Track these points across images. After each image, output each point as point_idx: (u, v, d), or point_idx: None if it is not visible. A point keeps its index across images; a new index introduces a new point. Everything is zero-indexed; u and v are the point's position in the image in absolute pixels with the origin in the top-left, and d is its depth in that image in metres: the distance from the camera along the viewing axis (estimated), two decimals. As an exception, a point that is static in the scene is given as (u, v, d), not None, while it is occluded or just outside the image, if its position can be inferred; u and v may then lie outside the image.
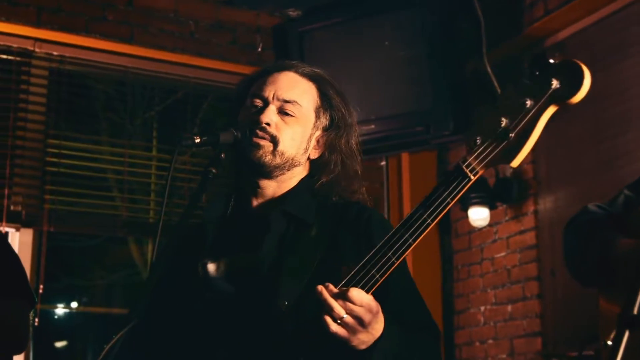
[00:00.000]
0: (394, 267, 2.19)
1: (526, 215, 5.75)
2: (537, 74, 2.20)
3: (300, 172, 2.63)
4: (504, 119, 2.21)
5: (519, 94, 2.22)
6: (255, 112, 2.55)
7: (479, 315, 6.12)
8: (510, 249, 5.87)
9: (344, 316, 2.11)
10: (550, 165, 5.56)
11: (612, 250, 2.90)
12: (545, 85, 2.18)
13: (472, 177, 2.22)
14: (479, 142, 2.23)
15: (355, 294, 2.12)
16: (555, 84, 2.17)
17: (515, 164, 2.21)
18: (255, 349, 2.28)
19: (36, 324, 5.17)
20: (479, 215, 5.90)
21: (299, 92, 2.60)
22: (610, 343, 3.03)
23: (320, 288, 2.14)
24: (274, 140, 2.52)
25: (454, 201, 2.24)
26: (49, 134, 5.59)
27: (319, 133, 2.65)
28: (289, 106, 2.56)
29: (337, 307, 2.11)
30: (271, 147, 2.52)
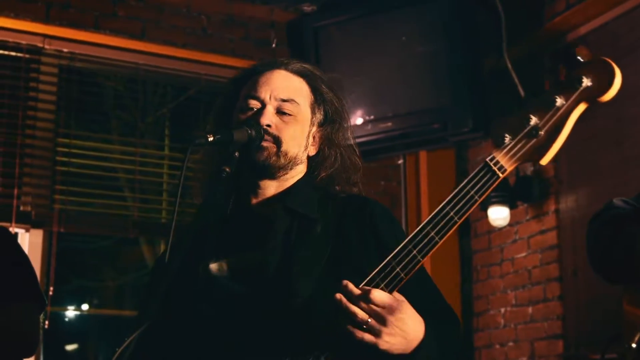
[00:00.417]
0: (419, 266, 2.21)
1: (547, 215, 5.73)
2: (568, 71, 2.23)
3: (301, 170, 2.65)
4: (533, 117, 2.24)
5: (549, 91, 2.24)
6: (254, 115, 2.56)
7: (499, 317, 6.10)
8: (531, 249, 5.85)
9: (369, 320, 2.13)
10: (571, 164, 5.53)
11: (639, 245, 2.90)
12: (576, 82, 2.21)
13: (500, 175, 2.26)
14: (507, 140, 2.25)
15: (377, 294, 2.13)
16: (586, 81, 2.20)
17: (545, 161, 2.25)
18: (272, 348, 2.28)
19: (46, 326, 5.18)
20: (498, 214, 5.88)
21: (295, 90, 2.62)
22: (634, 346, 3.02)
23: (339, 296, 2.16)
24: (277, 142, 2.53)
25: (482, 199, 2.26)
26: (59, 132, 5.61)
27: (315, 129, 2.67)
28: (286, 105, 2.57)
29: (361, 313, 2.13)
30: (275, 149, 2.53)
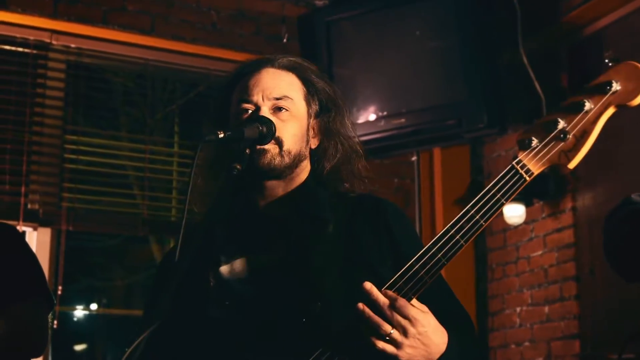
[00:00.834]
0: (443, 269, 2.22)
1: (564, 213, 5.72)
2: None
3: (307, 166, 2.65)
4: (561, 120, 2.25)
5: (578, 94, 2.26)
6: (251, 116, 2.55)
7: (515, 316, 6.09)
8: (547, 247, 5.84)
9: (392, 332, 2.14)
10: (588, 161, 5.48)
11: None
12: (605, 86, 2.23)
13: (527, 178, 2.26)
14: (534, 143, 2.26)
15: (403, 304, 2.15)
16: (615, 86, 2.22)
17: (572, 165, 2.27)
18: (286, 352, 2.29)
19: (55, 326, 5.19)
20: (514, 212, 5.87)
21: (286, 86, 2.60)
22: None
23: (362, 306, 2.16)
24: (278, 141, 2.51)
25: (508, 202, 2.26)
26: (67, 129, 5.62)
27: (313, 121, 2.66)
28: (280, 103, 2.55)
29: (385, 325, 2.15)
30: (277, 149, 2.51)
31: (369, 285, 2.18)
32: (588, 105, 2.23)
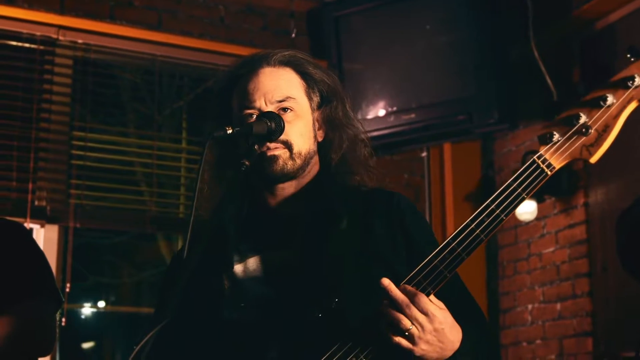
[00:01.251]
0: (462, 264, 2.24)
1: (576, 209, 5.71)
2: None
3: (316, 161, 2.66)
4: (582, 114, 2.27)
5: (600, 89, 2.27)
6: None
7: (526, 314, 6.08)
8: (559, 244, 5.83)
9: (410, 328, 2.15)
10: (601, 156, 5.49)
11: None
12: (628, 81, 2.24)
13: (549, 173, 2.28)
14: (556, 137, 2.27)
15: (422, 301, 2.17)
16: (637, 80, 2.24)
17: (594, 159, 2.29)
18: (309, 347, 2.29)
19: (63, 324, 5.20)
20: (526, 208, 5.86)
21: (286, 85, 2.59)
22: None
23: (385, 305, 2.18)
24: (288, 145, 2.52)
25: (529, 197, 2.28)
26: (74, 125, 5.63)
27: (316, 114, 2.66)
28: (284, 104, 2.55)
29: (404, 321, 2.16)
30: (288, 153, 2.52)
31: (387, 281, 2.19)
32: (610, 99, 2.24)
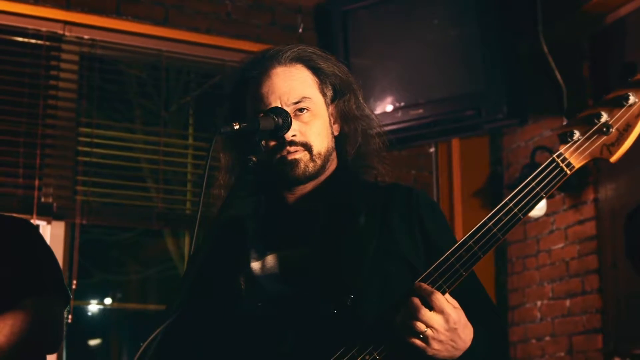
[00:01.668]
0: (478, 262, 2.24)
1: (585, 204, 5.70)
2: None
3: (334, 157, 2.66)
4: (604, 113, 2.25)
5: (621, 88, 2.26)
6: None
7: (535, 310, 6.08)
8: (569, 240, 5.82)
9: (425, 330, 2.16)
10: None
11: None
12: None
13: (568, 172, 2.27)
14: (576, 136, 2.26)
15: (439, 301, 2.17)
16: None
17: (615, 159, 2.26)
18: (323, 344, 2.30)
19: (69, 321, 5.21)
20: (535, 204, 5.85)
21: (301, 85, 2.59)
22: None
23: (401, 305, 2.19)
24: (307, 147, 2.53)
25: (547, 196, 2.28)
26: (81, 122, 5.63)
27: (331, 108, 2.67)
28: (300, 105, 2.55)
29: (420, 325, 2.16)
30: (308, 156, 2.53)
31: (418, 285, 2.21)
32: (632, 98, 2.23)
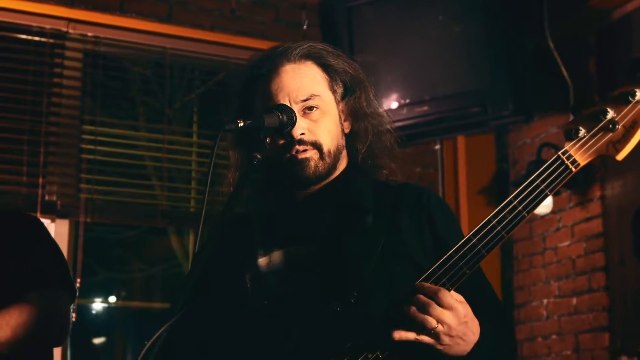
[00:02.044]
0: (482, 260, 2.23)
1: (592, 202, 5.69)
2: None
3: (345, 155, 2.66)
4: (610, 110, 2.24)
5: (628, 84, 2.24)
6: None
7: (542, 308, 6.07)
8: (575, 237, 5.81)
9: (436, 326, 2.15)
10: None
11: None
12: None
13: (573, 169, 2.25)
14: (581, 133, 2.25)
15: (446, 298, 2.16)
16: None
17: (621, 156, 2.25)
18: (327, 342, 2.30)
19: (74, 319, 5.21)
20: (541, 201, 5.85)
21: (310, 82, 2.59)
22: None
23: (407, 304, 2.18)
24: (317, 146, 2.53)
25: (552, 193, 2.26)
26: (84, 119, 5.63)
27: (341, 106, 2.67)
28: (309, 104, 2.55)
29: (431, 321, 2.15)
30: (318, 154, 2.53)
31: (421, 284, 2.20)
32: (639, 94, 2.21)
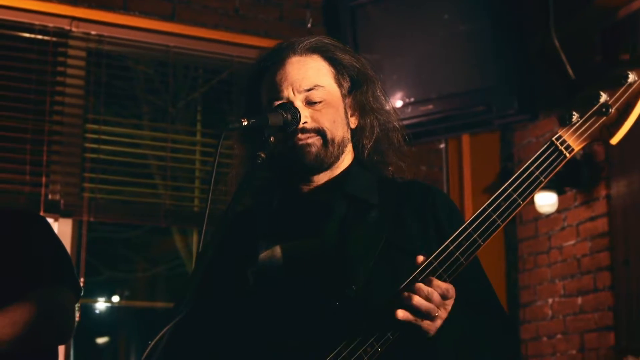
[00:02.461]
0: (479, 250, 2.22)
1: (597, 201, 5.69)
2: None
3: (349, 149, 2.66)
4: (603, 93, 2.23)
5: (620, 66, 2.23)
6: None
7: (547, 308, 6.07)
8: (580, 236, 5.81)
9: (437, 314, 2.16)
10: (623, 147, 5.48)
11: None
12: None
13: (567, 155, 2.24)
14: (575, 118, 2.24)
15: (436, 283, 2.17)
16: None
17: (615, 140, 2.24)
18: (326, 336, 2.29)
19: (77, 318, 5.21)
20: (546, 200, 5.85)
21: (315, 74, 2.59)
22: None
23: (418, 299, 2.18)
24: (320, 132, 2.53)
25: (547, 180, 2.24)
26: (88, 118, 5.64)
27: (348, 100, 2.67)
28: (313, 94, 2.55)
29: (433, 309, 2.16)
30: (321, 141, 2.53)
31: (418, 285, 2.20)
32: (632, 77, 2.20)
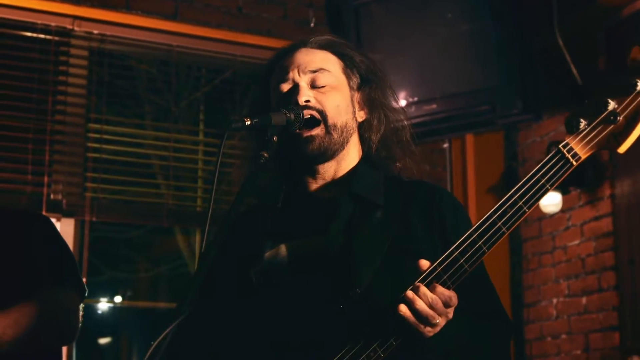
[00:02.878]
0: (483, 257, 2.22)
1: (602, 200, 5.69)
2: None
3: (357, 143, 2.66)
4: (611, 101, 2.21)
5: (629, 74, 2.21)
6: (289, 95, 2.56)
7: (551, 308, 6.07)
8: (585, 236, 5.81)
9: (438, 321, 2.16)
10: (628, 146, 5.46)
11: None
12: None
13: (574, 163, 2.23)
14: (582, 125, 2.22)
15: (440, 291, 2.17)
16: None
17: (623, 149, 2.23)
18: (329, 337, 2.30)
19: (80, 318, 5.21)
20: (550, 200, 5.84)
21: (321, 60, 2.63)
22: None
23: (420, 300, 2.18)
24: (322, 115, 2.53)
25: (552, 188, 2.24)
26: (90, 118, 5.64)
27: (356, 94, 2.68)
28: (318, 76, 2.58)
29: (435, 316, 2.16)
30: (324, 130, 2.53)
31: (418, 283, 2.20)
32: None
